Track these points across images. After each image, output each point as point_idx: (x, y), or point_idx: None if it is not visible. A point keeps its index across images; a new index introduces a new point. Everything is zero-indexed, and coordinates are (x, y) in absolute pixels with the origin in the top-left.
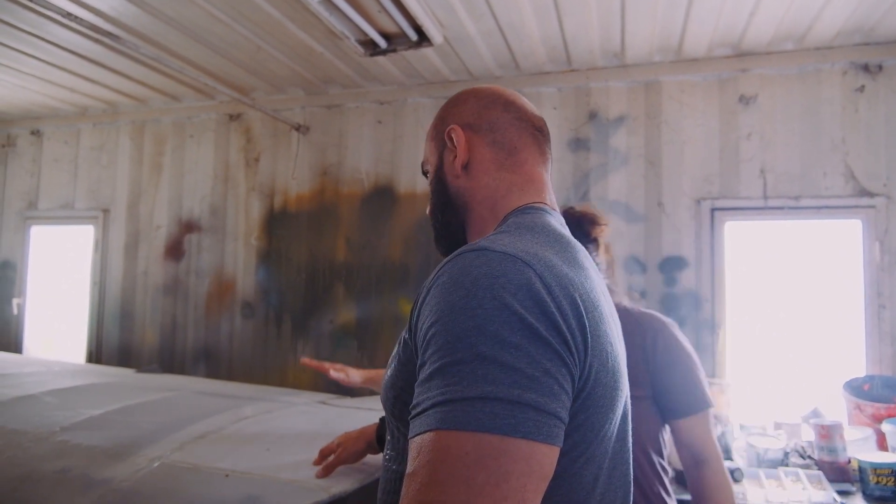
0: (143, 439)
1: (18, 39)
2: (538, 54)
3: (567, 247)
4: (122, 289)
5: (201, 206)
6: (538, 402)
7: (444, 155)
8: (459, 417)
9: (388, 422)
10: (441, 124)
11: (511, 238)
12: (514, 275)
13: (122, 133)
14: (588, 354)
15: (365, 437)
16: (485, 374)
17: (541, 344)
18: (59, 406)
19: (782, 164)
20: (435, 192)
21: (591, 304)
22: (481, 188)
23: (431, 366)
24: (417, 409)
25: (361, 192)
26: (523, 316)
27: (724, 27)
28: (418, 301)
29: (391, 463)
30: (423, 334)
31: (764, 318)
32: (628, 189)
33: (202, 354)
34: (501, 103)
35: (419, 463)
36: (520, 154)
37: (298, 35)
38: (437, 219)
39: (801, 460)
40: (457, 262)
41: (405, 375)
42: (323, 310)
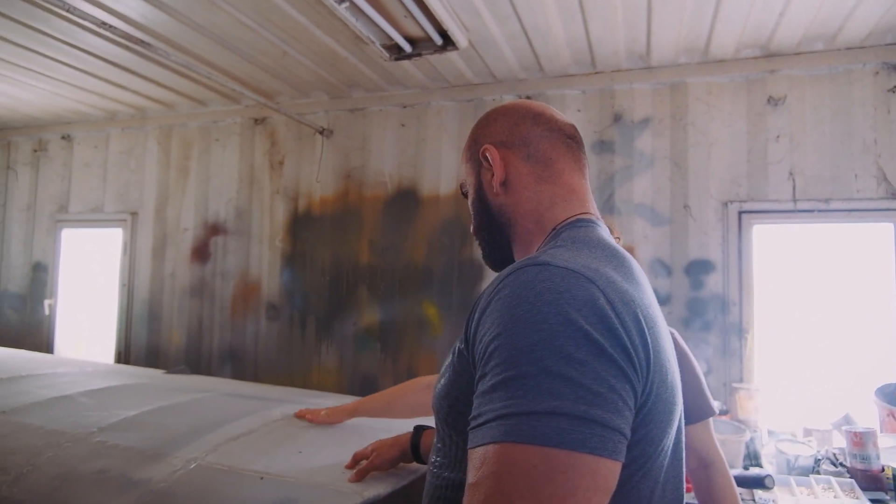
0: (177, 441)
1: (51, 47)
2: (563, 57)
3: (623, 261)
4: (150, 290)
5: (227, 209)
6: (604, 418)
7: (482, 175)
8: (526, 431)
9: (440, 429)
10: (474, 145)
11: (570, 253)
12: (578, 290)
13: (150, 137)
14: (650, 371)
15: (399, 446)
16: (550, 389)
17: (606, 360)
18: (94, 407)
19: (812, 166)
20: (477, 211)
21: (651, 320)
22: (523, 202)
23: (494, 378)
24: (479, 420)
25: (385, 195)
26: (588, 332)
27: (753, 28)
28: (475, 312)
29: (441, 470)
30: (483, 346)
31: (793, 322)
32: (654, 192)
33: (228, 355)
34: (531, 117)
35: (483, 474)
36: (556, 164)
37: (324, 40)
38: (483, 237)
39: (833, 468)
40: (518, 276)
41: (461, 385)
42: (347, 312)
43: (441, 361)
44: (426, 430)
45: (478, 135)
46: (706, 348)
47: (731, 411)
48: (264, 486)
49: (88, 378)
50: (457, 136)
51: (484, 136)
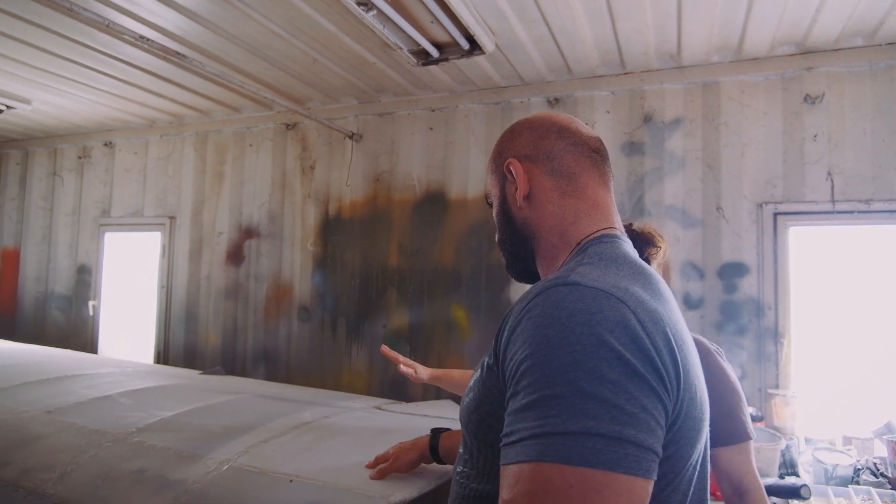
0: (211, 442)
1: (95, 59)
2: (591, 58)
3: (649, 279)
4: (187, 292)
5: (260, 212)
6: (638, 438)
7: (506, 187)
8: (561, 451)
9: (467, 441)
10: (499, 158)
11: (598, 271)
12: (609, 311)
13: (187, 143)
14: (680, 389)
15: (418, 448)
16: (584, 409)
17: (638, 381)
18: (133, 407)
19: (852, 165)
20: (501, 223)
21: (680, 338)
22: (547, 216)
23: (527, 397)
24: (512, 438)
25: (413, 198)
26: (621, 353)
27: (788, 24)
28: (504, 329)
29: (469, 481)
30: (514, 365)
31: (832, 326)
32: (685, 193)
33: (261, 356)
34: (555, 131)
35: (519, 491)
36: (580, 179)
37: (353, 47)
38: (507, 249)
39: (874, 478)
40: (549, 296)
41: (490, 400)
42: (376, 314)
43: (470, 363)
44: (443, 432)
45: (503, 147)
46: (740, 353)
47: (767, 418)
48: (293, 488)
49: (129, 378)
50: (484, 138)
51: (508, 150)
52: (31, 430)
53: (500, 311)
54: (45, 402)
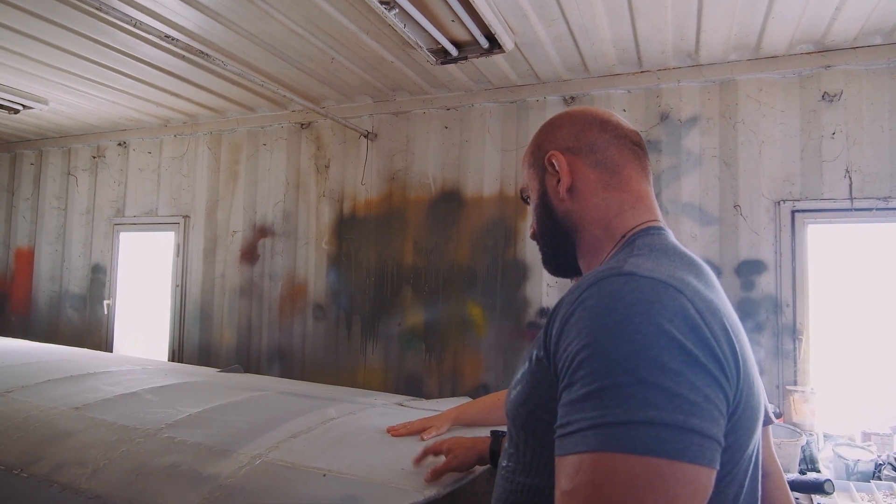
0: (241, 437)
1: (112, 59)
2: (608, 56)
3: (701, 269)
4: (202, 291)
5: (274, 211)
6: (701, 427)
7: (546, 180)
8: (625, 440)
9: (514, 435)
10: (538, 151)
11: (652, 262)
12: (668, 301)
13: (201, 143)
14: (739, 379)
15: (478, 450)
16: (647, 399)
17: (700, 370)
18: (160, 404)
19: (870, 163)
20: (541, 217)
21: (736, 328)
22: (591, 209)
23: (585, 387)
24: (570, 428)
25: (428, 197)
26: (682, 342)
27: (808, 23)
28: (555, 321)
29: (515, 475)
30: (570, 355)
31: (851, 323)
32: (702, 191)
33: (276, 354)
34: (597, 123)
35: (580, 482)
36: (623, 171)
37: (371, 46)
38: (547, 242)
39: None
40: (604, 286)
41: (540, 392)
42: (391, 312)
43: (486, 362)
44: (504, 435)
45: (542, 141)
46: (758, 350)
47: (786, 415)
48: (327, 482)
49: (150, 376)
50: (500, 137)
51: (549, 142)
52: (61, 426)
53: (516, 309)
54: (72, 399)
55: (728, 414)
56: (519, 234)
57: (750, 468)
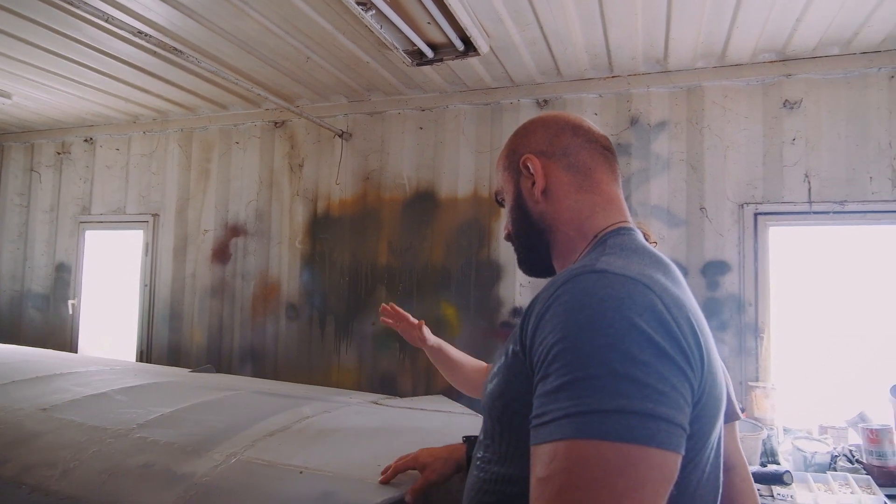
0: (215, 436)
1: (81, 53)
2: (581, 61)
3: (667, 267)
4: (172, 290)
5: (247, 210)
6: (669, 415)
7: (521, 183)
8: (597, 428)
9: (489, 427)
10: (513, 155)
11: (623, 261)
12: (638, 297)
13: (171, 140)
14: (703, 370)
15: (455, 459)
16: (618, 389)
17: (667, 361)
18: (130, 404)
19: (827, 168)
20: (516, 218)
21: (700, 322)
22: (564, 210)
23: (560, 378)
24: (545, 418)
25: (403, 197)
26: (651, 336)
27: (770, 33)
28: (530, 316)
29: (490, 465)
30: (545, 349)
31: (809, 322)
32: (670, 194)
33: (248, 355)
34: (570, 128)
35: (555, 468)
36: (595, 175)
37: (347, 46)
38: (522, 242)
39: (849, 465)
40: (578, 283)
41: (516, 385)
42: (365, 312)
43: None
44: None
45: (516, 145)
46: (722, 348)
47: (748, 409)
48: (304, 479)
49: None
50: (474, 138)
51: (523, 146)
52: (28, 427)
53: (490, 309)
54: (39, 400)
55: (693, 403)
56: (493, 234)
57: (712, 456)
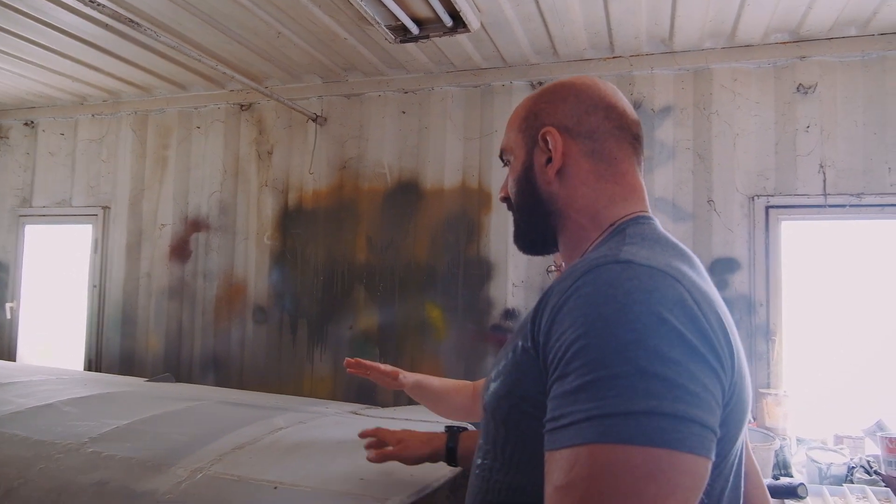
0: (178, 450)
1: (22, 25)
2: (579, 40)
3: (692, 260)
4: (124, 292)
5: (209, 202)
6: (701, 418)
7: (535, 154)
8: (624, 431)
9: (492, 430)
10: (534, 119)
11: (646, 251)
12: (667, 290)
13: (124, 124)
14: (734, 371)
15: (432, 445)
16: (648, 389)
17: (698, 360)
18: (80, 416)
19: (843, 158)
20: (522, 190)
21: (728, 319)
22: (579, 197)
23: (581, 378)
24: (563, 421)
25: (384, 188)
26: (681, 332)
27: (783, 11)
28: (544, 310)
29: (493, 473)
30: (563, 345)
31: (823, 324)
32: (675, 185)
33: (211, 363)
34: (603, 108)
35: (576, 476)
36: (620, 165)
37: (323, 20)
38: (523, 217)
39: (867, 476)
40: (600, 274)
41: (526, 385)
42: (342, 314)
43: (446, 366)
44: (461, 431)
45: (540, 109)
46: None
47: (759, 418)
48: (279, 496)
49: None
50: (462, 124)
51: (547, 114)
52: None
53: (479, 311)
54: None
55: (723, 405)
56: (482, 229)
57: (736, 463)
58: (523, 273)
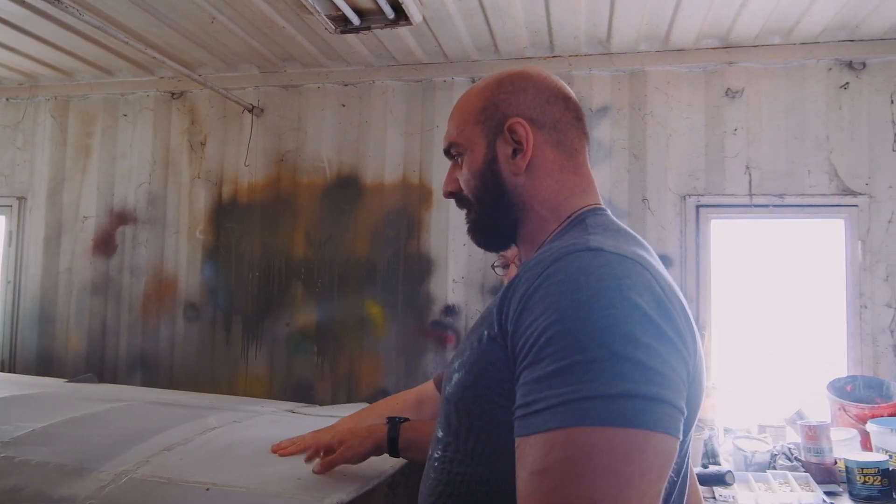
0: (100, 453)
1: None
2: (520, 38)
3: (649, 249)
4: (42, 288)
5: (137, 194)
6: (671, 399)
7: (499, 146)
8: (603, 413)
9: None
10: (494, 110)
11: (611, 240)
12: (637, 277)
13: (42, 110)
14: (696, 354)
15: (374, 438)
16: (623, 372)
17: (667, 343)
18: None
19: (768, 160)
20: (484, 184)
21: (686, 306)
22: (543, 189)
23: (555, 363)
24: (537, 406)
25: (323, 182)
26: (652, 317)
27: (714, 18)
28: (511, 298)
29: (453, 465)
30: (535, 332)
31: (748, 318)
32: (612, 183)
33: (138, 363)
34: (562, 98)
35: (553, 459)
36: (579, 156)
37: (261, 7)
38: (485, 212)
39: (789, 462)
40: (571, 261)
41: (492, 374)
42: (278, 311)
43: (385, 363)
44: (402, 422)
45: (500, 100)
46: None
47: None
48: (212, 497)
49: None
50: (403, 118)
51: (510, 105)
52: None
53: (419, 307)
54: None
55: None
56: (423, 224)
57: (688, 444)
58: (463, 269)
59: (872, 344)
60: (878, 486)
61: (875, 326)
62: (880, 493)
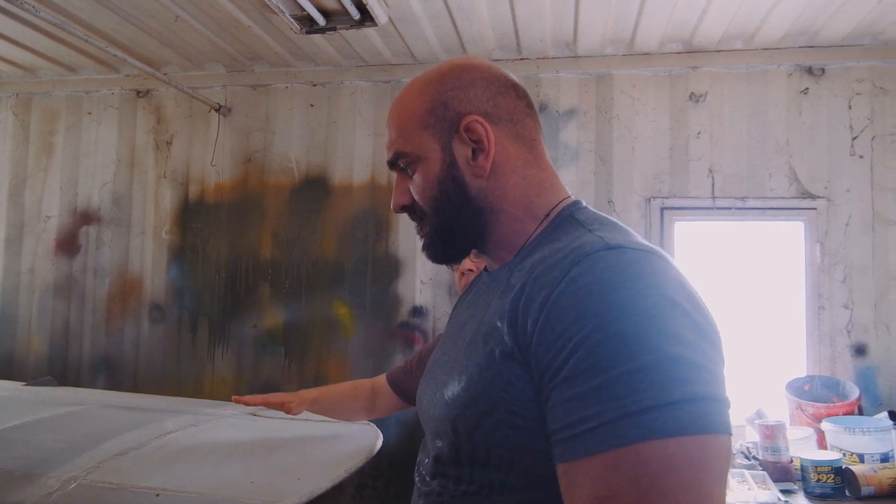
0: (50, 459)
1: None
2: (487, 40)
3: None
4: (3, 289)
5: (101, 194)
6: (724, 396)
7: (456, 149)
8: (671, 423)
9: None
10: (444, 110)
11: (621, 235)
12: (668, 272)
13: (3, 107)
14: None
15: None
16: (679, 375)
17: (707, 340)
18: None
19: (730, 164)
20: (446, 191)
21: None
22: (511, 188)
23: (600, 375)
24: (586, 426)
25: (291, 183)
26: (690, 313)
27: (677, 22)
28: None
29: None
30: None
31: None
32: (578, 185)
33: (101, 365)
34: (511, 87)
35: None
36: (539, 147)
37: (225, 6)
38: (446, 223)
39: (746, 461)
40: (597, 261)
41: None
42: (245, 313)
43: (353, 364)
44: None
45: (448, 97)
46: None
47: None
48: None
49: None
50: (372, 119)
51: (460, 101)
52: None
53: (387, 308)
54: None
55: None
56: (391, 225)
57: None
58: (431, 270)
59: (830, 344)
60: (832, 484)
61: (833, 327)
62: (833, 491)
